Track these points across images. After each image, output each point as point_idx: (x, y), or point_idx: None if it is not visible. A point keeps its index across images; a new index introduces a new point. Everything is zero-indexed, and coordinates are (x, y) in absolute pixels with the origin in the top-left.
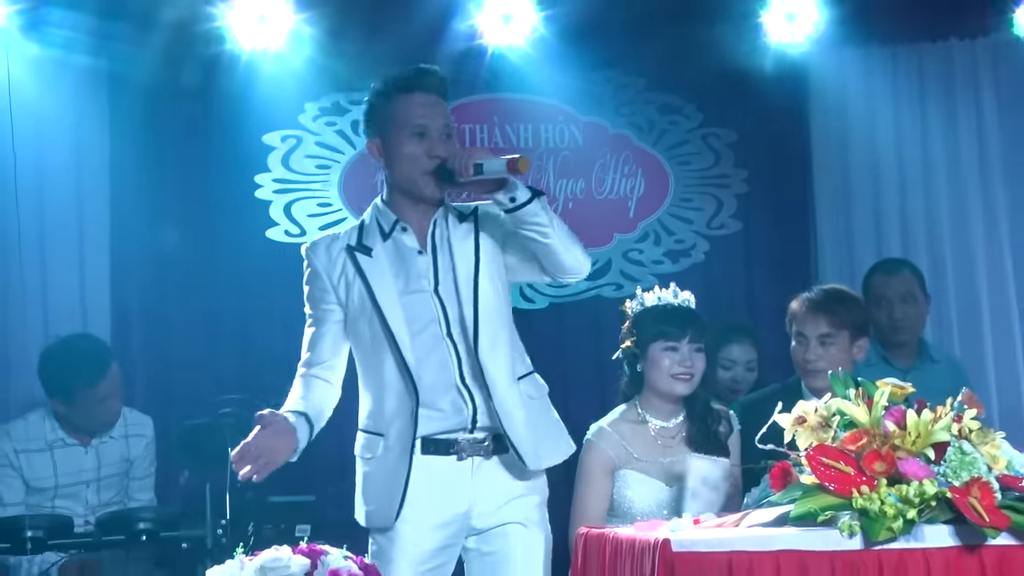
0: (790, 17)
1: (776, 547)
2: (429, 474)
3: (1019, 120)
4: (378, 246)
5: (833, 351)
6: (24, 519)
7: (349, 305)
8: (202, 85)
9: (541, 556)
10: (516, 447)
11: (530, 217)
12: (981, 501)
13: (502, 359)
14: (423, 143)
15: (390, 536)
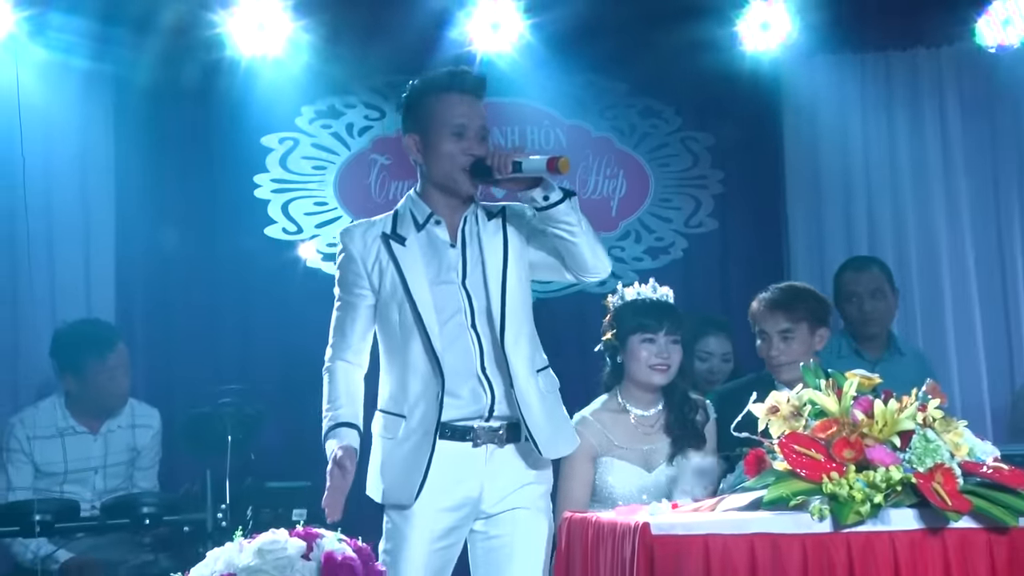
0: (764, 26)
1: (750, 530)
2: (445, 458)
3: (981, 125)
4: (412, 236)
5: (795, 345)
6: (33, 503)
7: (381, 291)
8: (203, 89)
9: (543, 542)
10: (534, 436)
11: (561, 216)
12: (944, 486)
13: (524, 352)
14: (461, 142)
15: (405, 515)
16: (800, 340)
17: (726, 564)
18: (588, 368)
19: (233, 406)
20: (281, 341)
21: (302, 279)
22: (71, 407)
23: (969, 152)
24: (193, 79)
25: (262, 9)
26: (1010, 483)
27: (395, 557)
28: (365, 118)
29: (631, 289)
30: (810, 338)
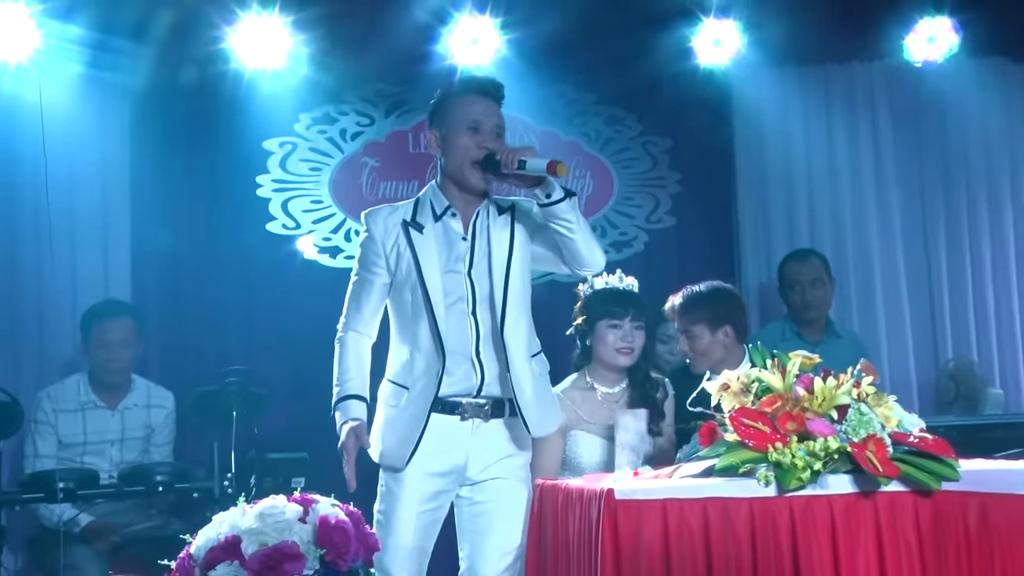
0: (716, 43)
1: (703, 495)
2: (436, 429)
3: (909, 133)
4: (429, 225)
5: (696, 343)
6: (56, 472)
7: (397, 272)
8: (210, 98)
9: (522, 509)
10: (524, 416)
11: (561, 213)
12: (876, 454)
13: (521, 338)
14: (475, 136)
15: (397, 479)
16: (701, 339)
17: (682, 525)
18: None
19: (238, 385)
20: (281, 326)
21: (300, 270)
22: (92, 383)
23: (898, 156)
24: (201, 89)
25: (263, 26)
26: (934, 451)
27: (388, 516)
28: (357, 124)
29: (600, 279)
30: (711, 336)
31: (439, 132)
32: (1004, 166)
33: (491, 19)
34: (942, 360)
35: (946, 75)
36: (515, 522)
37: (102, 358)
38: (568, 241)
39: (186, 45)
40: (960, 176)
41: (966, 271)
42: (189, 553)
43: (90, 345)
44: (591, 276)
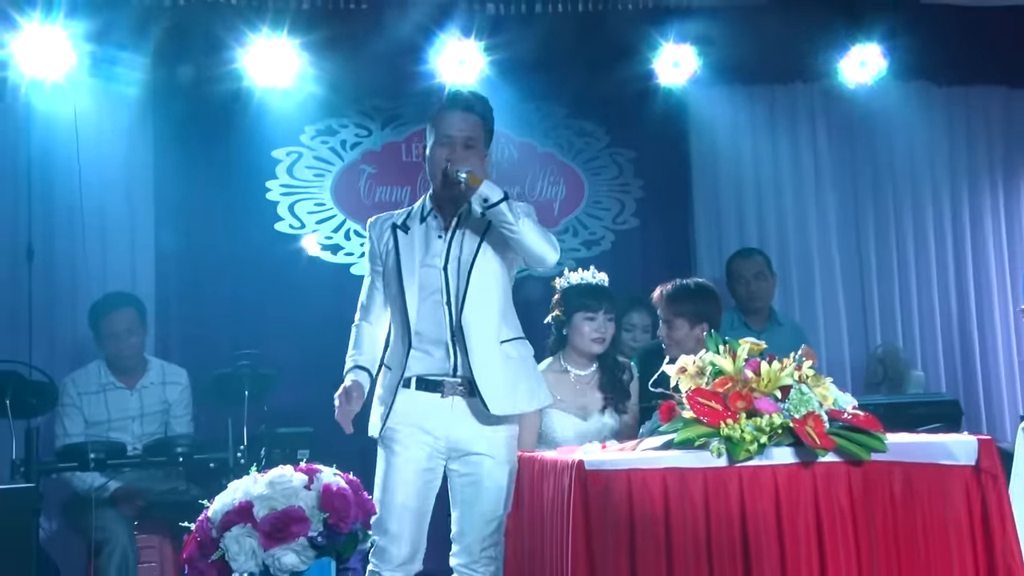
0: (675, 64)
1: (663, 465)
2: (419, 405)
3: (844, 145)
4: (415, 226)
5: (676, 333)
6: (87, 444)
7: (385, 269)
8: (225, 112)
9: (505, 482)
10: (482, 394)
11: (499, 215)
12: (814, 429)
13: (486, 324)
14: (445, 150)
15: (392, 449)
16: (679, 330)
17: (644, 492)
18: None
19: (249, 367)
20: (288, 314)
21: (305, 265)
22: (110, 367)
23: (834, 166)
24: (217, 104)
25: (273, 48)
26: (865, 426)
27: (386, 483)
28: (356, 135)
29: (576, 274)
30: (691, 330)
31: (424, 145)
32: (925, 175)
33: (475, 42)
34: (872, 345)
35: (876, 96)
36: (499, 492)
37: (113, 347)
38: (514, 240)
39: (204, 65)
40: (888, 184)
41: (893, 267)
42: (207, 516)
43: (100, 337)
44: (567, 271)
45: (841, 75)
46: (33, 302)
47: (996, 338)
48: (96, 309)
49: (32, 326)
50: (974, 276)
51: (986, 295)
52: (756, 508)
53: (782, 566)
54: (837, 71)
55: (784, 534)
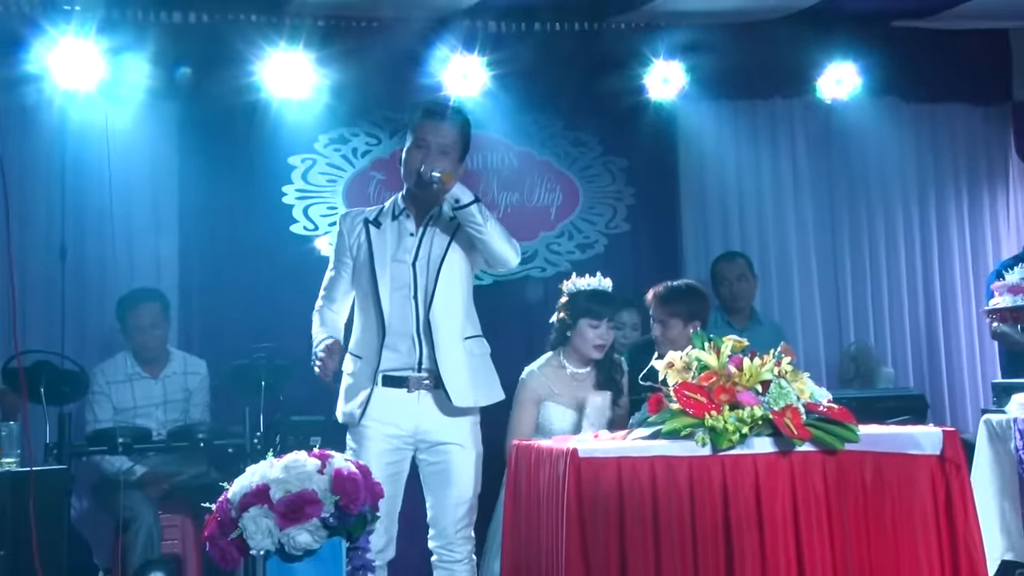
0: (665, 80)
1: (651, 453)
2: (388, 400)
3: (821, 156)
4: (387, 223)
5: (670, 332)
6: (116, 430)
7: (356, 261)
8: (245, 120)
9: (472, 467)
10: (446, 387)
11: (469, 216)
12: (792, 420)
13: (452, 321)
14: (419, 153)
15: (363, 444)
16: (674, 329)
17: (633, 479)
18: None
19: (266, 359)
20: (301, 309)
21: (317, 264)
22: (136, 358)
23: (812, 176)
24: (237, 113)
25: (290, 61)
26: (839, 418)
27: None
28: (366, 144)
29: (583, 280)
30: (684, 329)
31: (401, 149)
32: (896, 184)
33: (478, 57)
34: (845, 343)
35: (850, 111)
36: (467, 477)
37: (139, 340)
38: (479, 240)
39: (225, 77)
40: (861, 192)
41: (866, 270)
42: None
43: (127, 329)
44: (575, 276)
45: (818, 91)
46: (65, 297)
47: (960, 337)
48: (123, 304)
49: (64, 320)
50: (940, 279)
51: (951, 297)
52: (738, 494)
53: (761, 548)
54: (815, 88)
55: (763, 518)
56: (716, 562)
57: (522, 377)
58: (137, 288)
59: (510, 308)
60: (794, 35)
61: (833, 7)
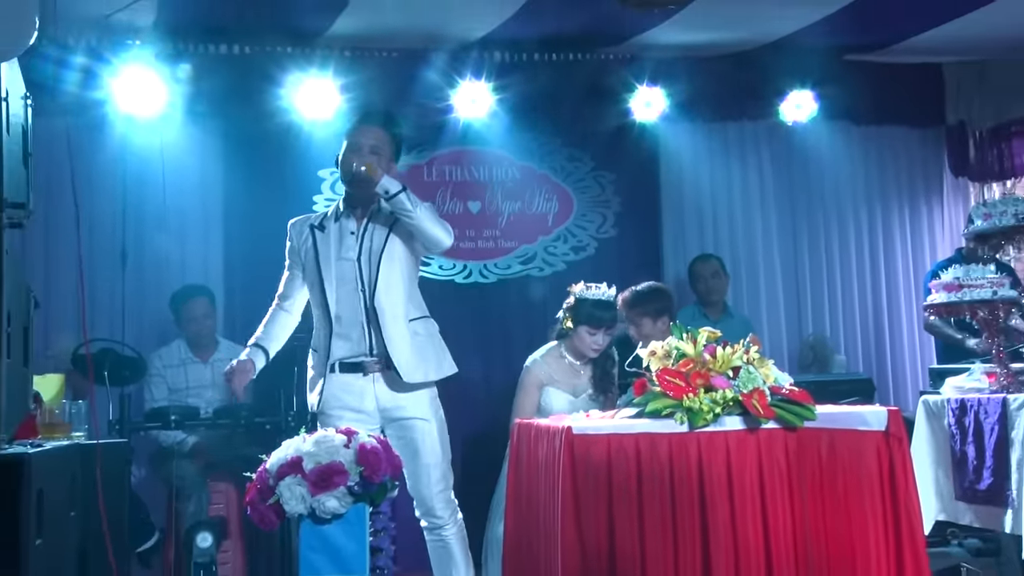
0: (648, 104)
1: (636, 431)
2: (344, 385)
3: (782, 172)
4: (331, 225)
5: (643, 329)
6: (169, 408)
7: (306, 263)
8: (280, 138)
9: (436, 434)
10: (396, 365)
11: (399, 204)
12: (759, 401)
13: (395, 306)
14: (354, 154)
15: (324, 422)
16: (645, 326)
17: (620, 453)
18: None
19: (300, 347)
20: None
21: None
22: (189, 345)
23: (776, 188)
24: (274, 133)
25: (320, 87)
26: (799, 399)
27: None
28: None
29: (591, 289)
30: (655, 325)
31: (338, 155)
32: (848, 196)
33: (486, 84)
34: (804, 334)
35: (808, 132)
36: (432, 446)
37: (191, 329)
38: (412, 225)
39: (264, 100)
40: (818, 203)
41: (822, 270)
42: (265, 468)
43: (181, 320)
44: (583, 284)
45: (781, 115)
46: (126, 293)
47: (903, 329)
48: (176, 298)
49: (125, 312)
50: (885, 279)
51: (895, 294)
52: (711, 466)
53: (731, 513)
54: (778, 112)
55: (733, 487)
56: (692, 525)
57: (526, 364)
58: (188, 284)
59: (512, 304)
60: (760, 66)
61: (793, 42)
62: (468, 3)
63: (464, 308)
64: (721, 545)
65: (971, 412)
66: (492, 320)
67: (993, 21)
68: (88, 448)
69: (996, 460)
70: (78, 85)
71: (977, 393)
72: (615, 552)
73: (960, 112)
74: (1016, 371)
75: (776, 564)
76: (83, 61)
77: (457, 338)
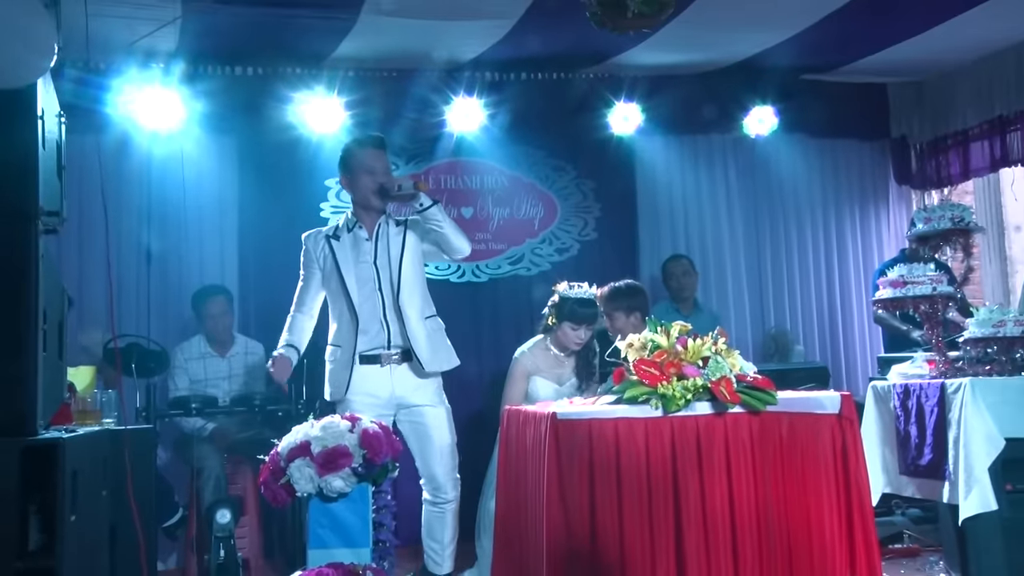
0: (625, 118)
1: (615, 415)
2: (365, 376)
3: (747, 180)
4: (344, 235)
5: (616, 324)
6: (190, 397)
7: (325, 269)
8: (290, 150)
9: (444, 419)
10: (419, 357)
11: (431, 216)
12: (726, 388)
13: (415, 305)
14: (372, 176)
15: (347, 409)
16: (618, 320)
17: (601, 436)
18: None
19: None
20: None
21: None
22: (208, 340)
23: (741, 195)
24: (284, 145)
25: (325, 104)
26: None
27: None
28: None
29: (574, 288)
30: (626, 319)
31: (347, 176)
32: (805, 202)
33: (477, 100)
34: (767, 327)
35: (769, 144)
36: (442, 430)
37: (210, 326)
38: (439, 235)
39: (275, 116)
40: (779, 208)
41: (782, 269)
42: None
43: (200, 317)
44: (567, 283)
45: (745, 129)
46: (151, 292)
47: (854, 321)
48: (197, 297)
49: (150, 310)
50: (839, 277)
51: (847, 290)
52: (683, 447)
53: (701, 490)
54: (742, 126)
55: (703, 465)
56: (666, 500)
57: (515, 356)
58: (208, 285)
59: (502, 301)
60: (726, 84)
61: (756, 63)
62: (461, 27)
63: (458, 305)
64: (692, 517)
65: (914, 396)
66: (484, 316)
67: (929, 47)
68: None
69: (935, 438)
70: (107, 104)
71: (919, 379)
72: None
73: (902, 127)
74: (953, 359)
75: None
76: (111, 83)
77: (453, 332)
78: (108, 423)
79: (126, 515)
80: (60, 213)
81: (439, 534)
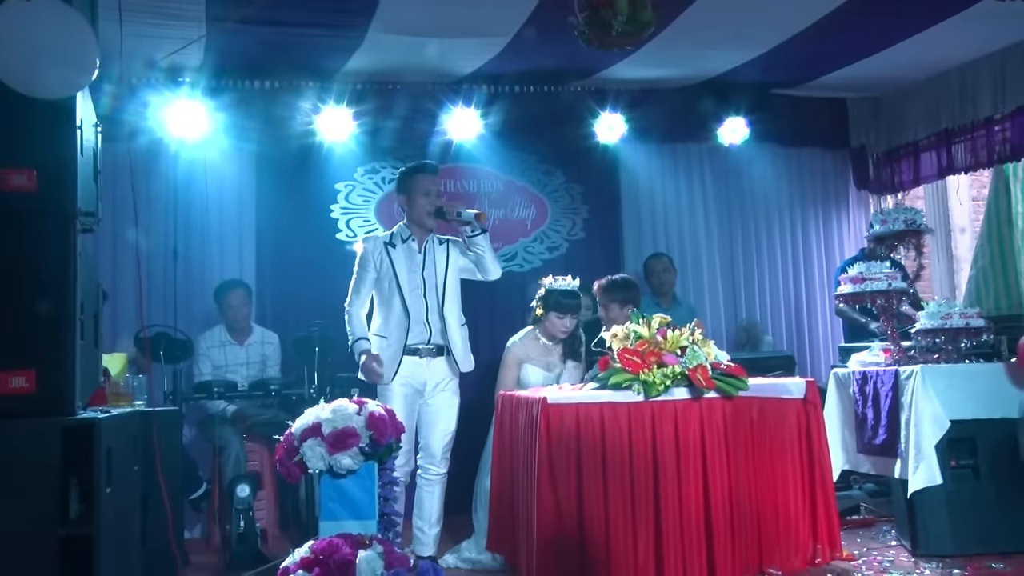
0: (610, 128)
1: (601, 400)
2: (410, 365)
3: (721, 186)
4: (399, 245)
5: (610, 314)
6: (213, 382)
7: (381, 271)
8: (303, 156)
9: (455, 410)
10: (456, 358)
11: (479, 242)
12: (702, 375)
13: (454, 314)
14: (428, 198)
15: (389, 392)
16: (613, 311)
17: (587, 420)
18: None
19: (319, 332)
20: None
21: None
22: (228, 330)
23: (716, 199)
24: (298, 152)
25: (336, 115)
26: (735, 373)
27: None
28: (391, 173)
29: (558, 280)
30: (621, 311)
31: (405, 196)
32: (774, 206)
33: (475, 111)
34: (739, 319)
35: (742, 153)
36: (451, 417)
37: (230, 316)
38: (479, 258)
39: (290, 125)
40: (750, 211)
41: (753, 266)
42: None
43: (222, 309)
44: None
45: (719, 138)
46: (177, 286)
47: (817, 314)
48: (219, 291)
49: (176, 302)
50: (804, 274)
51: (811, 286)
52: (662, 429)
53: (678, 468)
54: (717, 136)
55: (680, 445)
56: (646, 480)
57: (508, 345)
58: (228, 279)
59: (497, 296)
60: (702, 97)
61: (729, 78)
62: (459, 44)
63: None
64: (669, 493)
65: (871, 381)
66: (481, 308)
67: (885, 64)
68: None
69: (889, 420)
70: (138, 115)
71: (876, 366)
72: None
73: (861, 137)
74: (906, 348)
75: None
76: (142, 95)
77: None
78: (139, 405)
79: (155, 488)
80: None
81: (427, 512)
